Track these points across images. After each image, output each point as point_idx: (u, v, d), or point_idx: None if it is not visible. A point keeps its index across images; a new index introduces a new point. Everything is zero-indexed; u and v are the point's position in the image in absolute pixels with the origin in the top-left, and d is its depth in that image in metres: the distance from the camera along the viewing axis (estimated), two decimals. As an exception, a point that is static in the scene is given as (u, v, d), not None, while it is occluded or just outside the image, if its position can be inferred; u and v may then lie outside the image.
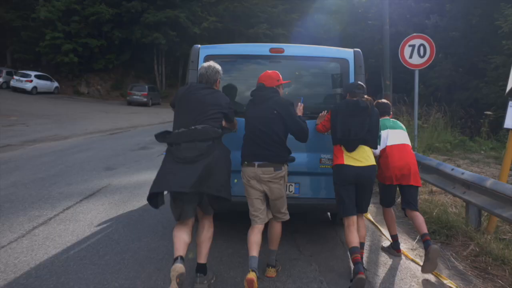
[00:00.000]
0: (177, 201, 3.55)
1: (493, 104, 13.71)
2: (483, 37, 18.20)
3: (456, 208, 6.30)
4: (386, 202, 4.73)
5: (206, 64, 3.84)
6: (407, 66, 8.99)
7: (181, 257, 3.37)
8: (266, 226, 3.96)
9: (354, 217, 4.01)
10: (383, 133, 4.49)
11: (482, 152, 9.68)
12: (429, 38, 8.74)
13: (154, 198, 3.60)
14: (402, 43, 8.85)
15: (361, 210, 4.13)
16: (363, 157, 3.95)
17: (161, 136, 3.66)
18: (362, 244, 4.05)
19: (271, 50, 4.55)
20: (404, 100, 15.40)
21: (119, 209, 5.99)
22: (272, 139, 3.73)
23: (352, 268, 3.85)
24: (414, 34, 9.19)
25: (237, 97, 4.63)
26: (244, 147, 3.87)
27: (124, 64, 37.13)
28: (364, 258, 4.33)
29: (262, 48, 4.68)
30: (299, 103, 4.18)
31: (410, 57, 8.69)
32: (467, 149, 9.76)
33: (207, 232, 3.70)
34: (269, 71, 3.97)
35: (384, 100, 5.00)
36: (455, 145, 9.74)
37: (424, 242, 4.20)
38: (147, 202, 3.69)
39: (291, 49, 4.64)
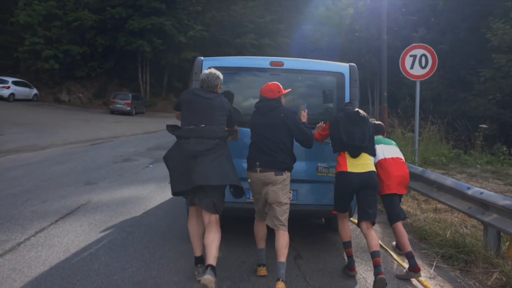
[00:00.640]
0: (189, 193, 3.85)
1: (482, 117, 13.43)
2: (470, 50, 18.11)
3: (467, 229, 5.80)
4: (394, 215, 4.65)
5: (207, 71, 4.07)
6: (408, 77, 8.68)
7: (202, 260, 3.89)
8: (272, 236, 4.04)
9: (346, 213, 4.40)
10: (378, 148, 4.63)
11: (478, 166, 9.39)
12: (431, 49, 8.46)
13: (179, 194, 3.99)
14: (402, 53, 8.54)
15: (368, 217, 4.19)
16: (366, 163, 4.16)
17: (172, 128, 3.97)
18: (377, 252, 4.01)
19: (271, 63, 4.78)
20: (397, 113, 15.05)
21: (100, 231, 5.30)
22: (278, 147, 3.94)
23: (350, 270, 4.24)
24: (415, 44, 8.89)
25: (238, 107, 4.79)
26: (250, 153, 4.10)
27: (107, 72, 36.16)
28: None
29: (262, 61, 4.90)
30: (303, 110, 4.38)
31: (411, 67, 8.39)
32: (463, 162, 9.52)
33: (215, 233, 3.79)
34: (270, 84, 4.18)
35: (378, 122, 5.37)
36: (450, 158, 9.46)
37: (409, 258, 4.32)
38: (131, 221, 3.35)
39: (291, 62, 4.87)
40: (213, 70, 4.06)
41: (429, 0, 19.56)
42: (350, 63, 4.95)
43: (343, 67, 4.89)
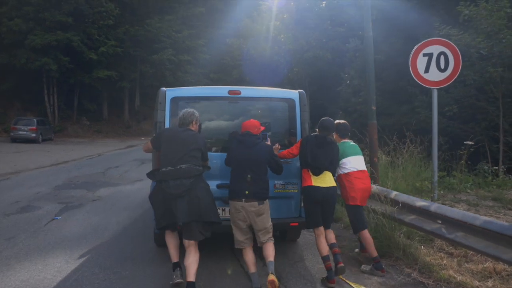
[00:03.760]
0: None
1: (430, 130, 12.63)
2: (406, 61, 17.60)
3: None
4: (360, 224, 5.03)
5: (184, 109, 4.59)
6: (422, 84, 6.66)
7: (179, 264, 4.35)
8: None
9: (321, 227, 4.73)
10: (345, 161, 5.00)
11: (469, 191, 8.14)
12: (452, 44, 6.49)
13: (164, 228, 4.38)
14: (413, 51, 6.58)
15: (327, 226, 4.80)
16: (327, 180, 4.66)
17: (152, 175, 4.46)
18: (334, 244, 4.73)
19: (229, 92, 5.17)
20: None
21: None
22: (260, 178, 4.44)
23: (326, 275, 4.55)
24: (432, 38, 6.77)
25: (203, 133, 4.91)
26: (233, 183, 4.49)
27: (6, 94, 31.69)
28: None
29: (221, 91, 5.32)
30: (267, 139, 4.91)
31: (426, 71, 6.49)
32: (451, 187, 8.18)
33: (194, 255, 4.23)
34: (253, 121, 4.67)
35: (342, 121, 5.40)
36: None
37: (376, 263, 4.79)
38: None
39: (247, 91, 5.31)
40: (188, 109, 4.57)
41: (357, 11, 18.99)
42: (300, 90, 5.47)
43: (294, 93, 5.38)
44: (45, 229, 6.58)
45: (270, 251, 4.40)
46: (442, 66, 6.45)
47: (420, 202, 5.00)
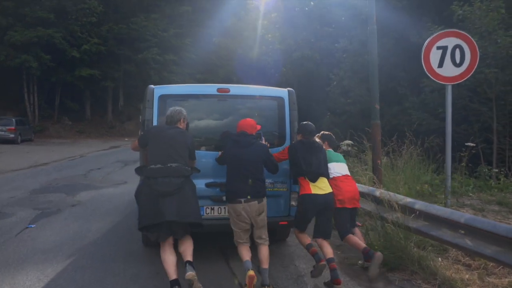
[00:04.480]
0: (154, 228, 4.17)
1: (425, 132, 12.32)
2: (396, 61, 17.40)
3: None
4: (344, 228, 5.02)
5: (172, 107, 4.57)
6: (435, 80, 6.16)
7: (178, 283, 3.97)
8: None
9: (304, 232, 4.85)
10: (330, 166, 4.98)
11: (471, 194, 7.79)
12: (469, 37, 5.97)
13: (146, 228, 4.22)
14: (426, 43, 6.07)
15: (327, 236, 4.73)
16: (325, 186, 4.65)
17: (140, 170, 4.32)
18: (332, 259, 4.50)
19: (218, 90, 5.17)
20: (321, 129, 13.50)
21: None
22: (257, 178, 4.45)
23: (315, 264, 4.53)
24: (446, 30, 6.21)
25: (190, 131, 4.85)
26: (230, 184, 4.50)
27: (-17, 93, 30.71)
28: None
29: (210, 89, 5.28)
30: (262, 138, 4.95)
31: (440, 65, 5.96)
32: (452, 191, 7.78)
33: (187, 241, 4.28)
34: (249, 120, 4.70)
35: (328, 132, 5.52)
36: (435, 186, 7.75)
37: (367, 253, 4.66)
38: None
39: (236, 89, 5.29)
40: (176, 107, 4.53)
41: (346, 11, 18.70)
42: (289, 88, 5.43)
43: (283, 92, 5.36)
44: (16, 240, 5.97)
45: (265, 255, 4.42)
46: (458, 60, 5.92)
47: (439, 210, 4.59)
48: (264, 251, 4.44)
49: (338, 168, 5.12)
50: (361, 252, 4.79)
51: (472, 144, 8.05)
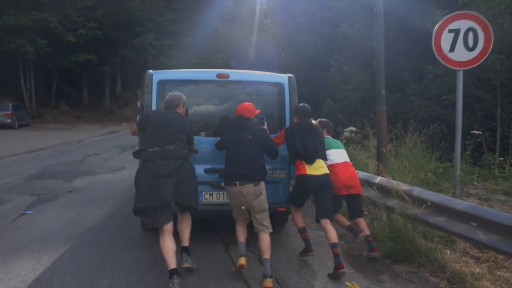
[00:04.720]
0: (150, 213, 4.14)
1: (427, 119, 12.11)
2: (397, 48, 17.09)
3: None
4: (336, 209, 5.01)
5: (171, 92, 4.52)
6: (446, 64, 5.88)
7: (177, 273, 3.86)
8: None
9: (301, 209, 4.93)
10: (329, 152, 4.97)
11: (476, 183, 7.63)
12: (483, 19, 5.68)
13: (141, 211, 4.16)
14: (437, 26, 5.79)
15: (327, 215, 4.64)
16: (321, 167, 4.65)
17: (137, 154, 4.36)
18: (335, 244, 4.41)
19: (218, 75, 5.08)
20: (319, 116, 13.35)
21: None
22: (254, 161, 4.38)
23: (304, 247, 4.82)
24: (459, 12, 5.93)
25: (191, 116, 4.86)
26: (228, 168, 4.48)
27: (-22, 78, 30.25)
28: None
29: (209, 74, 5.17)
30: (263, 124, 4.89)
31: (451, 49, 5.68)
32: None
33: (186, 220, 4.40)
34: (246, 104, 4.63)
35: (325, 119, 5.50)
36: (439, 174, 7.61)
37: (369, 242, 4.74)
38: None
39: (235, 74, 5.22)
40: (175, 92, 4.49)
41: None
42: (289, 74, 5.35)
43: (283, 77, 5.29)
44: (11, 227, 5.81)
45: (266, 244, 4.28)
46: (471, 44, 5.65)
47: (450, 201, 4.42)
48: (265, 239, 4.30)
49: (337, 154, 5.09)
50: (346, 228, 4.96)
51: (478, 132, 7.87)
